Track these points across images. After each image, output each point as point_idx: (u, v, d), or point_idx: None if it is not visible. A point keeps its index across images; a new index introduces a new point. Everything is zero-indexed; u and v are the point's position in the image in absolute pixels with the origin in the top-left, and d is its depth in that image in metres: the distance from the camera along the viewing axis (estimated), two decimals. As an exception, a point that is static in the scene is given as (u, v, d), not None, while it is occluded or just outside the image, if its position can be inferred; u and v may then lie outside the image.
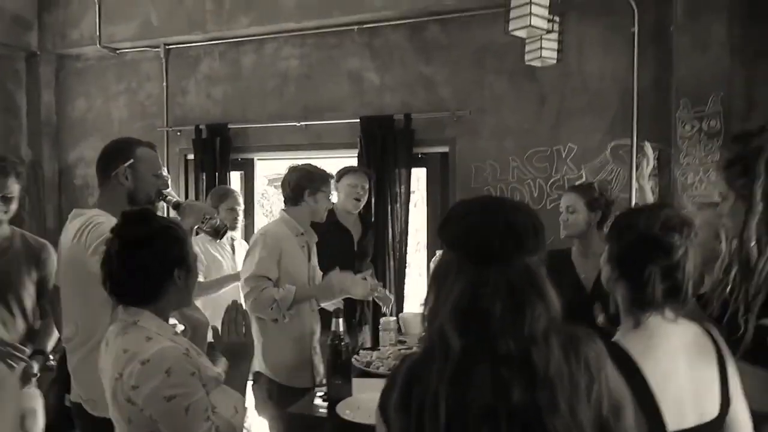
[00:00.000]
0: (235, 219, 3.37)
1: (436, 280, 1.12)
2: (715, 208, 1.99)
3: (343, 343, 1.89)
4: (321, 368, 2.53)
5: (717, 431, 1.36)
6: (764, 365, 1.40)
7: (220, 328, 1.56)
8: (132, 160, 2.04)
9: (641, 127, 3.40)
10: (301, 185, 2.63)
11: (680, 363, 1.32)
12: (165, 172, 3.86)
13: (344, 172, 3.29)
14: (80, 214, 2.03)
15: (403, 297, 3.89)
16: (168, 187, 2.36)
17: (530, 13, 2.40)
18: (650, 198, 2.71)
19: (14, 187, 2.40)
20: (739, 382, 1.43)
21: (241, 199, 3.48)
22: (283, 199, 2.74)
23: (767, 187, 1.52)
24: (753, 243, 1.52)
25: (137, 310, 1.41)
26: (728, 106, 3.16)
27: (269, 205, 7.56)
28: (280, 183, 6.89)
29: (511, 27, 2.51)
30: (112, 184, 2.04)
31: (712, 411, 1.32)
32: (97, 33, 4.50)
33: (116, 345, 1.36)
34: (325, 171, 2.72)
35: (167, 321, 1.46)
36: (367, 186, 3.29)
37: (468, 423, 1.00)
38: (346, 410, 1.74)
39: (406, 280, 3.93)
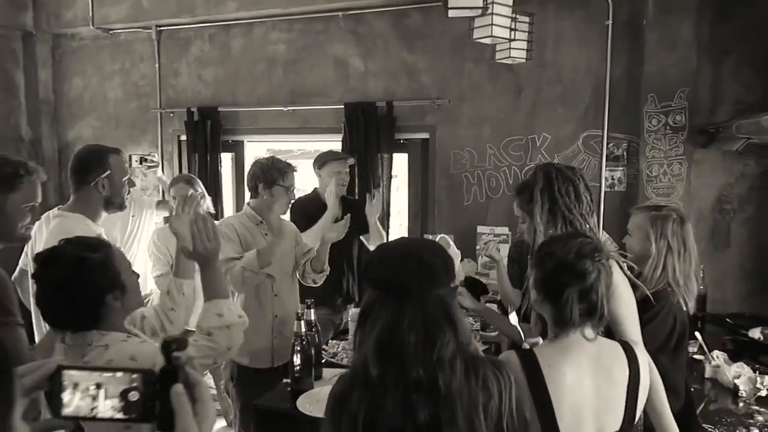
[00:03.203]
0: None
1: (363, 315, 1.31)
2: (648, 213, 2.19)
3: (304, 342, 2.10)
4: (283, 351, 2.64)
5: None
6: None
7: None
8: (108, 171, 2.22)
9: (612, 119, 3.54)
10: (256, 177, 2.69)
11: (585, 378, 1.50)
12: (155, 157, 4.03)
13: (327, 159, 3.39)
14: (62, 215, 2.19)
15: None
16: (134, 186, 2.48)
17: (492, 24, 2.51)
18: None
19: None
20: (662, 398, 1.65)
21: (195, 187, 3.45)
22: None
23: (547, 212, 1.90)
24: None
25: (85, 333, 1.49)
26: (693, 102, 3.27)
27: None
28: (279, 156, 7.04)
29: (475, 35, 2.63)
30: (89, 191, 2.22)
31: (613, 425, 1.50)
32: (90, 14, 4.59)
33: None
34: (285, 164, 2.72)
35: (121, 329, 1.57)
36: (348, 169, 3.46)
37: None
38: (306, 404, 1.96)
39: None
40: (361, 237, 3.55)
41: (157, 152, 4.67)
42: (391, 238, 4.20)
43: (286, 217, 3.23)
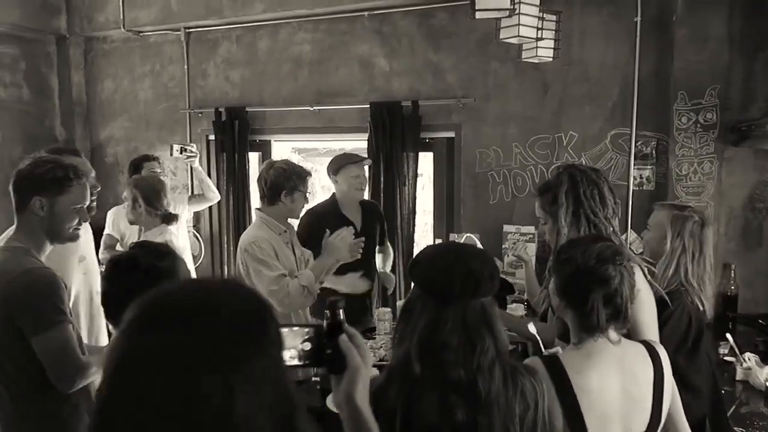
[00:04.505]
0: None
1: (406, 312, 1.34)
2: (670, 211, 2.19)
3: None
4: None
5: None
6: None
7: None
8: None
9: (640, 117, 3.50)
10: (278, 184, 2.61)
11: (612, 381, 1.50)
12: (194, 148, 4.12)
13: (343, 163, 3.16)
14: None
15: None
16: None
17: (518, 24, 2.50)
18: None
19: None
20: (677, 402, 1.63)
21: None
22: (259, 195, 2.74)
23: (571, 214, 1.91)
24: None
25: None
26: (725, 99, 3.21)
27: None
28: (305, 154, 7.00)
29: (501, 36, 2.63)
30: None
31: (639, 426, 1.50)
32: (121, 17, 4.69)
33: None
34: (303, 169, 2.68)
35: None
36: (365, 173, 3.27)
37: None
38: (332, 403, 1.99)
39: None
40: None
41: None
42: (417, 237, 4.22)
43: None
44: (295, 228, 2.94)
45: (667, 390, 1.56)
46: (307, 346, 0.96)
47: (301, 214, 2.81)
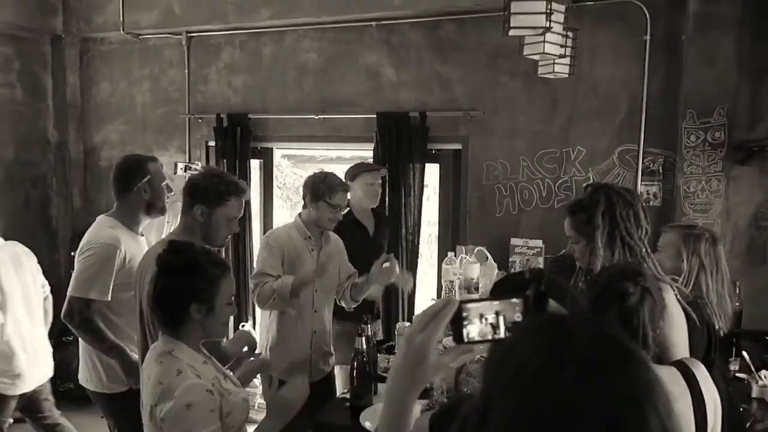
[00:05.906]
0: None
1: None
2: (681, 231, 2.23)
3: (364, 359, 2.11)
4: (320, 365, 2.77)
5: None
6: None
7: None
8: (149, 176, 2.40)
9: (648, 134, 3.54)
10: (305, 190, 2.78)
11: None
12: (198, 166, 4.07)
13: (359, 171, 3.35)
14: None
15: (415, 286, 4.09)
16: (172, 191, 2.76)
17: (544, 41, 2.51)
18: None
19: None
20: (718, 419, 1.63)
21: None
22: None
23: (607, 235, 1.89)
24: None
25: (171, 339, 1.57)
26: (733, 119, 3.27)
27: (282, 177, 7.69)
28: (294, 160, 6.92)
29: (525, 52, 2.64)
30: (132, 197, 2.41)
31: None
32: (121, 19, 4.60)
33: (153, 373, 1.54)
34: (336, 183, 2.72)
35: (198, 350, 1.63)
36: (381, 181, 3.43)
37: None
38: (366, 421, 1.97)
39: (417, 270, 4.14)
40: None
41: (184, 157, 4.68)
42: (421, 248, 4.20)
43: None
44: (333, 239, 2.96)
45: (711, 409, 1.56)
46: (519, 317, 0.93)
47: (332, 227, 2.83)
